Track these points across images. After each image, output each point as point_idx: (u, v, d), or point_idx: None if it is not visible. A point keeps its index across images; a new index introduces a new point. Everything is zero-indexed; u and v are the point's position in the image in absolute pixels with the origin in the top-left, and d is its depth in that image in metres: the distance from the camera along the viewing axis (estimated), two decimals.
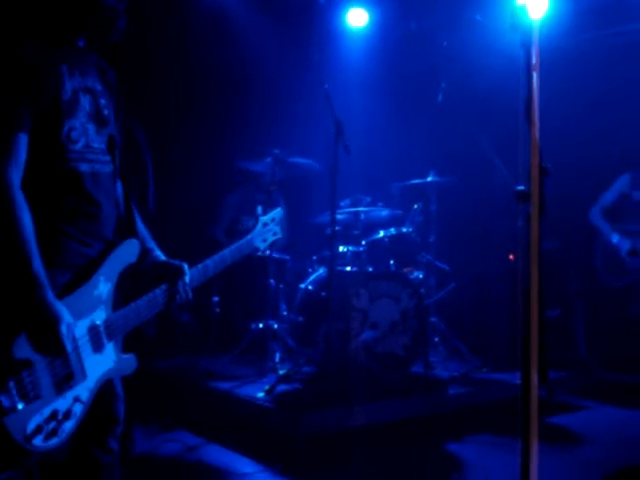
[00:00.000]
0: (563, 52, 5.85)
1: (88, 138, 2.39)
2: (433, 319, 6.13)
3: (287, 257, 6.17)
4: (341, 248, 5.71)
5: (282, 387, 4.98)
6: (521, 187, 1.98)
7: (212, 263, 2.70)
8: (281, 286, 6.02)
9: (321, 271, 5.72)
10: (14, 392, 2.04)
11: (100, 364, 2.33)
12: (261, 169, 6.10)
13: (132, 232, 2.55)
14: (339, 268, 5.49)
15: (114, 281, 2.40)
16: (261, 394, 4.80)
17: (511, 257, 6.78)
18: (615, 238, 6.40)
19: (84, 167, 2.36)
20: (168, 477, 3.99)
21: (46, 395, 2.13)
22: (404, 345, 5.34)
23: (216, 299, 6.12)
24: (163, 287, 2.51)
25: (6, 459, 2.14)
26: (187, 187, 6.65)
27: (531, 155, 1.94)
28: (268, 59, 6.72)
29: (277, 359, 5.56)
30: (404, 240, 5.92)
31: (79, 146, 2.35)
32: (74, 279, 2.31)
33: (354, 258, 5.68)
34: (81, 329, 2.26)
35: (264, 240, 3.01)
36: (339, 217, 5.71)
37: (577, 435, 4.98)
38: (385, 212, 5.99)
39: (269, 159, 5.97)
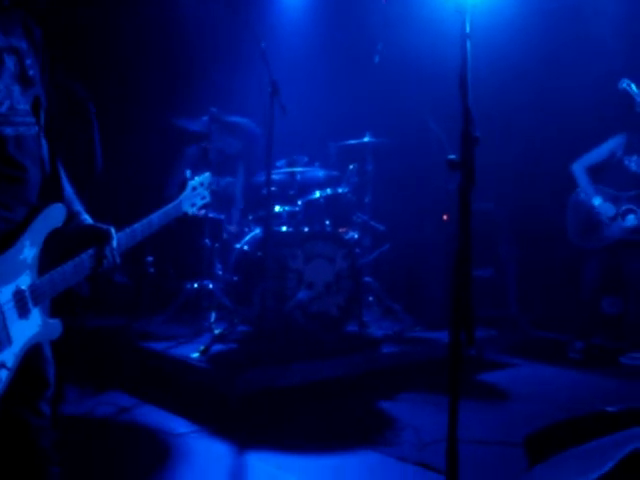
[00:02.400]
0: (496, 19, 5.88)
1: (13, 100, 2.30)
2: (367, 279, 6.19)
3: (222, 216, 6.15)
4: (277, 208, 5.71)
5: (217, 347, 4.99)
6: (452, 156, 2.01)
7: (140, 227, 2.65)
8: (216, 245, 6.00)
9: (257, 231, 5.71)
10: None
11: (26, 329, 2.28)
12: (198, 128, 6.02)
13: (58, 196, 2.47)
14: (275, 228, 5.49)
15: (39, 246, 2.33)
16: (196, 354, 4.81)
17: (445, 217, 6.88)
18: (597, 201, 5.99)
19: (8, 130, 2.28)
20: (102, 438, 3.98)
21: None
22: (338, 305, 5.40)
23: (150, 259, 6.07)
24: (90, 252, 2.45)
25: None
26: (128, 146, 6.53)
27: (463, 123, 1.97)
28: (206, 18, 6.61)
29: (212, 319, 5.56)
30: (340, 200, 5.94)
31: (3, 109, 2.26)
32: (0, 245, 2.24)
33: (290, 218, 5.69)
34: (6, 295, 2.21)
35: (193, 204, 2.96)
36: (275, 177, 5.70)
37: (504, 392, 5.13)
38: (321, 172, 5.99)
39: (206, 117, 5.91)
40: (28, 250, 2.28)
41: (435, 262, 6.98)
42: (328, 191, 5.81)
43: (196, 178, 3.02)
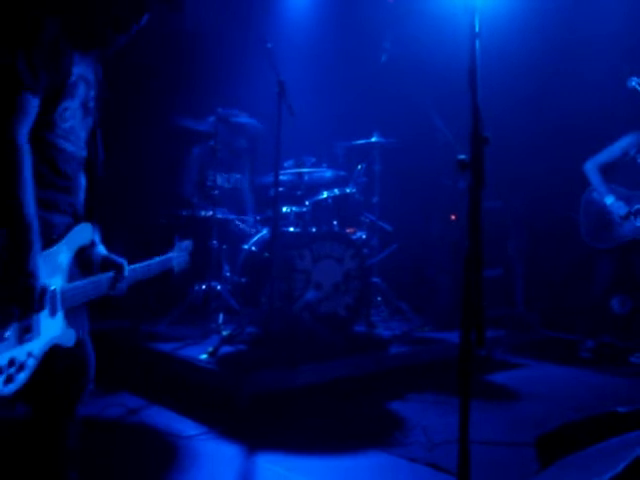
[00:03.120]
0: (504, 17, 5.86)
1: (75, 121, 2.52)
2: (375, 279, 6.18)
3: (232, 216, 6.14)
4: (285, 209, 5.70)
5: (225, 348, 4.98)
6: (462, 156, 1.99)
7: (140, 269, 2.94)
8: (224, 247, 5.99)
9: (264, 232, 5.71)
10: None
11: (51, 328, 2.41)
12: (204, 128, 6.02)
13: (90, 216, 2.73)
14: (282, 229, 5.48)
15: (72, 255, 2.53)
16: (204, 355, 4.80)
17: (453, 217, 6.87)
18: (609, 200, 5.92)
19: (65, 145, 2.49)
20: (111, 439, 3.97)
21: (10, 340, 2.20)
22: (347, 305, 5.38)
23: None
24: (109, 275, 2.71)
25: None
26: (133, 147, 6.52)
27: (472, 123, 1.95)
28: (212, 19, 6.60)
29: (220, 320, 5.55)
30: (347, 201, 5.93)
31: (67, 126, 2.48)
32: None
33: (297, 219, 5.68)
34: None
35: (178, 264, 3.30)
36: (283, 178, 5.69)
37: (514, 392, 5.11)
38: (329, 173, 5.98)
39: (212, 118, 5.91)
40: (64, 256, 2.49)
41: (443, 262, 6.96)
42: (336, 191, 5.80)
43: (184, 242, 3.40)
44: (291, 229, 5.58)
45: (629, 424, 2.79)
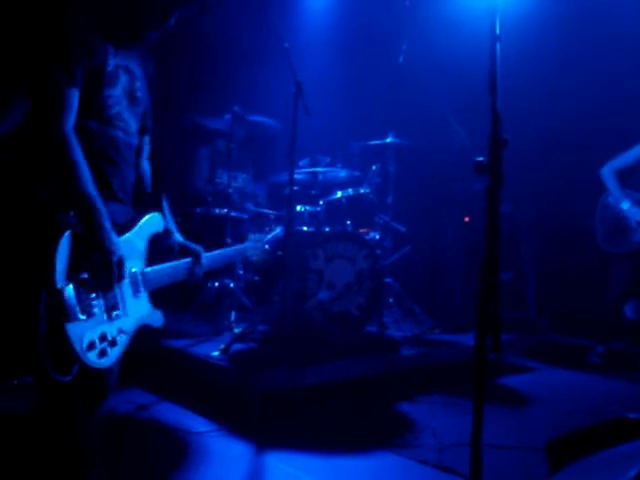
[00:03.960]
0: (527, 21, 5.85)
1: (121, 108, 2.59)
2: (388, 280, 6.18)
3: (245, 216, 6.16)
4: (298, 208, 5.71)
5: (237, 346, 5.00)
6: (480, 158, 2.00)
7: (216, 256, 3.08)
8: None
9: (278, 230, 5.71)
10: (76, 303, 2.25)
11: (137, 308, 2.58)
12: (220, 126, 6.04)
13: (157, 206, 2.83)
14: (296, 228, 5.49)
15: (146, 242, 2.66)
16: (216, 353, 4.81)
17: (466, 219, 6.86)
18: (626, 205, 5.89)
19: (111, 131, 2.56)
20: (122, 435, 3.99)
21: (98, 316, 2.34)
22: (359, 305, 5.39)
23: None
24: (187, 261, 2.85)
25: (63, 367, 2.27)
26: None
27: (491, 126, 1.95)
28: (229, 18, 6.60)
29: (232, 318, 5.56)
30: (361, 201, 5.94)
31: (113, 112, 2.55)
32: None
33: (311, 218, 5.69)
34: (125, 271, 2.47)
35: (252, 254, 3.52)
36: (297, 177, 5.69)
37: (524, 396, 5.10)
38: (343, 173, 5.99)
39: (228, 116, 5.92)
40: (139, 241, 2.63)
41: (455, 265, 6.95)
42: (350, 191, 5.80)
43: (256, 235, 3.59)
44: (305, 228, 5.58)
45: None
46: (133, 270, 2.56)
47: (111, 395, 2.68)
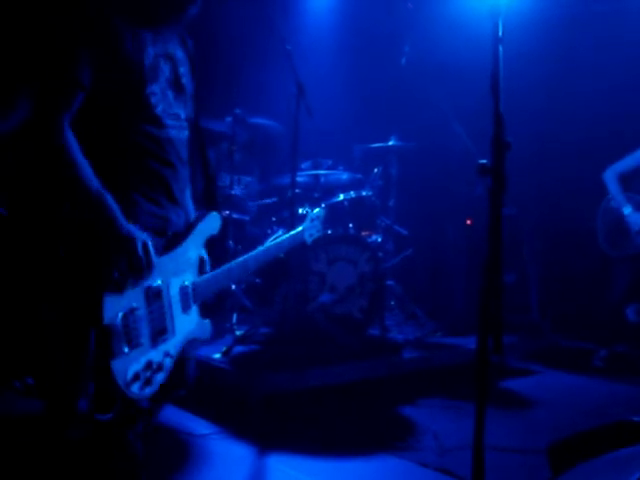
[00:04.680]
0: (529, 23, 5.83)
1: (166, 103, 2.43)
2: (390, 283, 6.17)
3: (246, 218, 6.15)
4: (300, 210, 5.70)
5: (239, 348, 4.99)
6: (483, 160, 1.99)
7: (270, 249, 2.92)
8: (239, 247, 5.99)
9: (280, 233, 5.70)
10: (122, 336, 2.13)
11: (186, 323, 2.45)
12: (222, 129, 6.03)
13: (214, 205, 2.68)
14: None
15: (200, 248, 2.54)
16: (218, 355, 4.81)
17: (468, 222, 6.84)
18: (627, 210, 5.83)
19: (160, 131, 2.41)
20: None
21: (144, 345, 2.23)
22: (361, 308, 5.38)
23: None
24: (240, 260, 2.70)
25: (106, 403, 2.18)
26: None
27: (494, 128, 1.95)
28: (230, 19, 6.61)
29: (234, 320, 5.55)
30: (364, 204, 5.93)
31: (158, 110, 2.39)
32: (156, 241, 2.36)
33: None
34: (174, 288, 2.39)
35: (310, 235, 3.32)
36: (299, 179, 5.69)
37: (526, 399, 5.09)
38: (345, 175, 5.98)
39: (229, 119, 5.92)
40: (192, 251, 2.50)
41: (457, 267, 6.93)
42: (352, 194, 5.79)
43: (315, 210, 3.39)
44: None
45: None
46: (185, 284, 2.44)
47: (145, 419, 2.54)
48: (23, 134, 3.44)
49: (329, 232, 5.48)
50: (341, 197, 5.76)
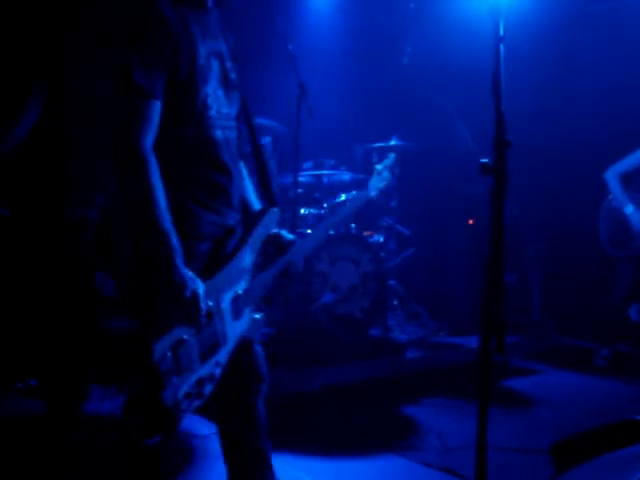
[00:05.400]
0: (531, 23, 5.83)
1: (219, 104, 2.32)
2: (392, 282, 6.17)
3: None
4: (302, 210, 5.71)
5: None
6: (485, 160, 1.99)
7: (327, 224, 2.90)
8: None
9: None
10: (172, 370, 2.13)
11: (237, 328, 2.41)
12: None
13: (271, 201, 2.59)
14: (300, 230, 5.49)
15: (257, 252, 2.45)
16: None
17: (470, 222, 6.84)
18: (629, 209, 5.80)
19: (218, 134, 2.31)
20: (123, 438, 3.98)
21: (195, 367, 2.22)
22: (363, 308, 5.38)
23: None
24: (285, 258, 2.56)
25: (157, 425, 2.21)
26: None
27: (496, 128, 1.95)
28: (232, 19, 6.61)
29: None
30: (366, 203, 5.92)
31: (212, 112, 2.29)
32: (216, 250, 2.35)
33: (316, 221, 5.69)
34: (226, 300, 2.34)
35: (377, 188, 3.13)
36: (301, 180, 5.69)
37: (529, 398, 5.08)
38: (347, 175, 5.99)
39: None
40: (249, 257, 2.42)
41: (459, 267, 6.94)
42: (354, 194, 5.79)
43: (384, 162, 3.20)
44: (309, 231, 5.58)
45: None
46: (238, 293, 2.38)
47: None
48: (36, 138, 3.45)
49: (331, 232, 5.48)
50: (343, 197, 5.76)
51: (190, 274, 2.15)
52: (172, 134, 2.20)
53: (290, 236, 2.61)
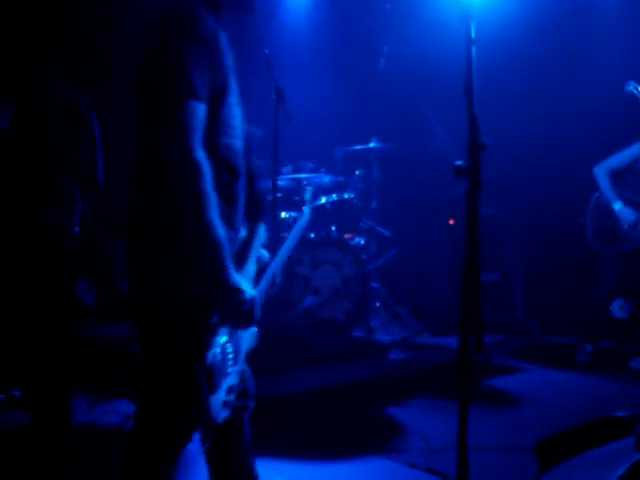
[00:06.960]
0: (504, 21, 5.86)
1: (239, 114, 2.33)
2: (374, 284, 6.17)
3: None
4: (283, 214, 5.69)
5: None
6: (459, 162, 2.00)
7: (283, 252, 2.92)
8: None
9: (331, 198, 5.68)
10: (221, 372, 2.20)
11: (247, 339, 2.49)
12: None
13: (260, 215, 2.62)
14: (281, 234, 5.47)
15: (255, 263, 2.50)
16: None
17: (451, 222, 6.86)
18: (618, 205, 5.82)
19: (234, 142, 2.28)
20: (109, 446, 3.96)
21: (231, 373, 2.30)
22: (345, 310, 5.38)
23: None
24: (271, 272, 2.66)
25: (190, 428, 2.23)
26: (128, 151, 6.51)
27: (469, 130, 1.95)
28: (209, 22, 6.59)
29: None
30: (346, 206, 5.94)
31: (235, 122, 2.27)
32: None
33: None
34: None
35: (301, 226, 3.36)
36: (281, 183, 5.68)
37: (513, 397, 5.09)
38: (327, 178, 5.98)
39: None
40: (252, 266, 2.47)
41: (441, 267, 6.95)
42: (334, 197, 5.80)
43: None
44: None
45: (629, 428, 2.78)
46: None
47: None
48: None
49: (311, 235, 5.48)
50: (323, 200, 5.76)
51: (243, 279, 2.18)
52: (207, 143, 2.13)
53: (265, 252, 2.66)
